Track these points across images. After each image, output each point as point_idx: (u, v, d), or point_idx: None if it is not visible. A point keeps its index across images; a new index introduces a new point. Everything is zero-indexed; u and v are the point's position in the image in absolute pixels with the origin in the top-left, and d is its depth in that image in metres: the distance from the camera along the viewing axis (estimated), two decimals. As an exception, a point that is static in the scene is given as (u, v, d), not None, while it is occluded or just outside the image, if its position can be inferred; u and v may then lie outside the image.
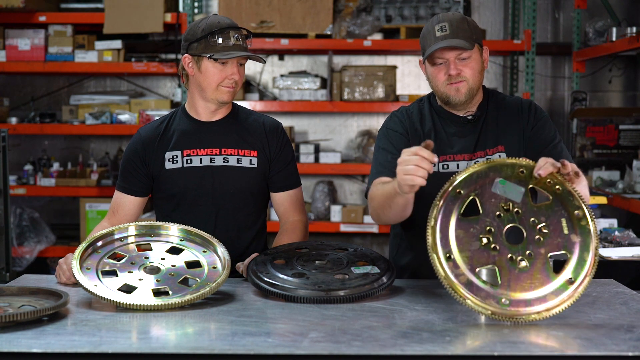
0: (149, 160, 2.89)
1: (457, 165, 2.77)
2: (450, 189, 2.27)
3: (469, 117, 2.80)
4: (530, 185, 2.27)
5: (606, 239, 4.21)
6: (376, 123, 6.42)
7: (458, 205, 2.26)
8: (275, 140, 2.95)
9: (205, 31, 2.78)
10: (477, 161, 2.74)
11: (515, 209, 2.25)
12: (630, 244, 4.15)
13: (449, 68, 2.69)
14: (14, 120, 5.91)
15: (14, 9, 5.60)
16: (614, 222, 4.52)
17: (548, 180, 2.27)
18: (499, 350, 1.97)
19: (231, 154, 2.89)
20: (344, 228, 5.90)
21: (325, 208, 6.04)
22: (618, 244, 4.15)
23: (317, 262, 2.58)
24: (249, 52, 2.83)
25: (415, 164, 2.21)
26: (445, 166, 2.78)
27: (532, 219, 2.25)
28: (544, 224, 2.24)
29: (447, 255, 2.21)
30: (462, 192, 2.27)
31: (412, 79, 6.43)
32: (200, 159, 2.87)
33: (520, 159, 2.30)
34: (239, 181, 2.89)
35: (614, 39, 5.34)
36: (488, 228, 2.24)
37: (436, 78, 2.73)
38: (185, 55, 2.84)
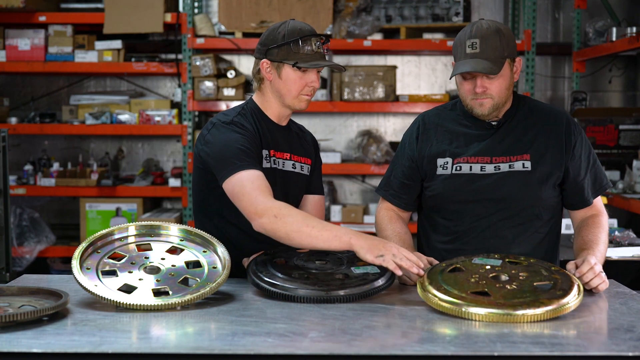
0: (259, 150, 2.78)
1: (470, 167, 2.78)
2: (433, 268, 2.48)
3: (493, 123, 2.81)
4: (507, 260, 2.51)
5: (606, 239, 4.21)
6: (376, 123, 6.42)
7: (444, 268, 2.47)
8: (316, 150, 3.03)
9: (287, 37, 2.73)
10: (498, 166, 2.76)
11: (496, 267, 2.44)
12: (630, 244, 4.15)
13: (475, 85, 2.71)
14: (14, 120, 5.91)
15: (14, 9, 5.60)
16: (614, 222, 4.52)
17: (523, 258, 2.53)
18: (499, 350, 1.97)
19: (296, 161, 2.91)
20: (344, 228, 5.90)
21: (325, 208, 6.04)
22: (618, 244, 4.15)
23: (317, 262, 2.59)
24: (329, 60, 2.80)
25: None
26: (458, 168, 2.79)
27: (512, 271, 2.42)
28: (524, 272, 2.41)
29: (439, 288, 2.33)
30: (444, 264, 2.50)
31: (412, 79, 6.43)
32: (283, 163, 2.86)
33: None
34: (297, 187, 2.92)
35: (614, 39, 5.34)
36: (474, 275, 2.40)
37: (463, 90, 2.77)
38: (264, 60, 2.78)
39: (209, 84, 5.80)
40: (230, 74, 5.83)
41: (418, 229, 3.01)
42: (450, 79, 2.79)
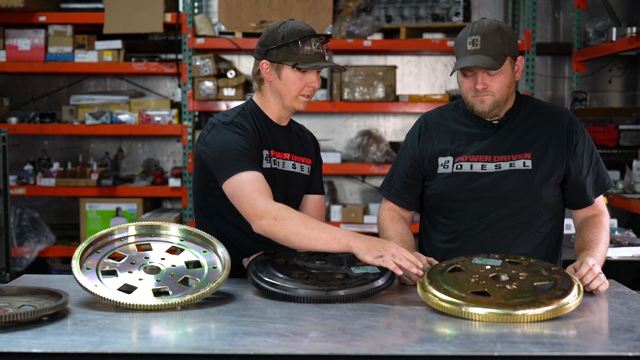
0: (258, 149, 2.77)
1: (471, 166, 2.78)
2: (433, 268, 2.48)
3: (494, 122, 2.81)
4: (507, 260, 2.50)
5: (606, 239, 4.21)
6: (376, 123, 6.42)
7: (444, 268, 2.47)
8: (317, 150, 3.02)
9: (286, 38, 2.72)
10: (499, 165, 2.75)
11: (496, 267, 2.43)
12: (630, 244, 4.15)
13: (476, 81, 2.71)
14: (14, 120, 5.91)
15: (14, 9, 5.60)
16: (614, 222, 4.52)
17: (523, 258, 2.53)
18: (499, 350, 1.97)
19: (296, 161, 2.90)
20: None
21: (326, 208, 6.03)
22: (618, 244, 4.15)
23: (317, 262, 2.59)
24: (329, 61, 2.80)
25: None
26: (459, 166, 2.79)
27: (512, 271, 2.42)
28: (524, 272, 2.41)
29: (439, 288, 2.33)
30: (444, 264, 2.50)
31: (412, 79, 6.43)
32: (283, 163, 2.86)
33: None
34: (297, 187, 2.91)
35: (614, 39, 5.34)
36: (474, 275, 2.39)
37: (464, 88, 2.78)
38: (264, 61, 2.77)
39: (209, 84, 5.80)
40: (230, 74, 5.83)
41: (419, 228, 3.02)
42: (451, 75, 2.79)
